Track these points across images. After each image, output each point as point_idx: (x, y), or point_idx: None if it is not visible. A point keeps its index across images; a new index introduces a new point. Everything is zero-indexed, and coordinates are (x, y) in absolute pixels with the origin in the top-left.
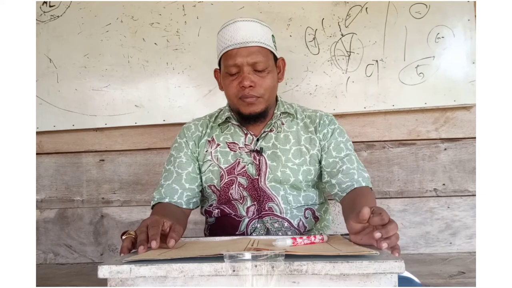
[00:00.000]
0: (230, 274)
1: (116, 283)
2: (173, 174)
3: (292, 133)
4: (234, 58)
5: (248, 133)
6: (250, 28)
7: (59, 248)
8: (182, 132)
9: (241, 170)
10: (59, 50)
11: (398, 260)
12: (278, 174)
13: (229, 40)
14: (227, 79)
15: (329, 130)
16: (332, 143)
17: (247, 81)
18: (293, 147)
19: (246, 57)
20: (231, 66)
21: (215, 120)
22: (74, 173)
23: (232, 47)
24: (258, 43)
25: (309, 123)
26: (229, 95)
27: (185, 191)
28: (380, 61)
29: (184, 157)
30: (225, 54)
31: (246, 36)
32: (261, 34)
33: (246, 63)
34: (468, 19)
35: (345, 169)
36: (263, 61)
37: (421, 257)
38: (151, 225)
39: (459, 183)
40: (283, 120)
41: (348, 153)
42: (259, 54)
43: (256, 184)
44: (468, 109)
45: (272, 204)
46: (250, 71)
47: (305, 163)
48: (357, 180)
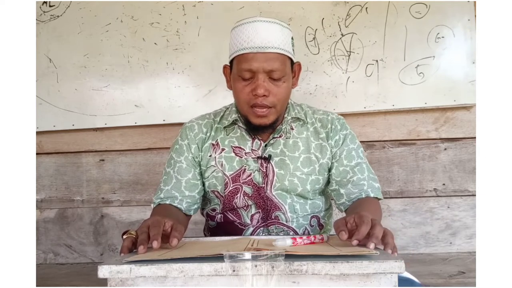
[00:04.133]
0: (230, 274)
1: (116, 283)
2: (173, 180)
3: (302, 140)
4: (250, 62)
5: (255, 138)
6: (270, 31)
7: (59, 248)
8: (184, 133)
9: (247, 179)
10: (59, 50)
11: (398, 260)
12: (286, 183)
13: (246, 42)
14: (239, 83)
15: (341, 136)
16: (344, 151)
17: (261, 89)
18: (302, 155)
19: (263, 63)
20: (246, 70)
21: (220, 120)
22: (74, 173)
23: (249, 50)
24: (277, 49)
25: (320, 127)
26: (240, 101)
27: (184, 198)
28: (380, 61)
29: (185, 162)
30: (240, 57)
31: (265, 41)
32: (281, 39)
33: (262, 70)
34: (468, 19)
35: (355, 180)
36: (280, 69)
37: (421, 257)
38: (152, 225)
39: (459, 183)
40: (293, 125)
41: (359, 161)
42: (277, 61)
43: (262, 193)
44: (468, 109)
45: (279, 213)
46: (265, 78)
47: (314, 172)
48: (366, 191)
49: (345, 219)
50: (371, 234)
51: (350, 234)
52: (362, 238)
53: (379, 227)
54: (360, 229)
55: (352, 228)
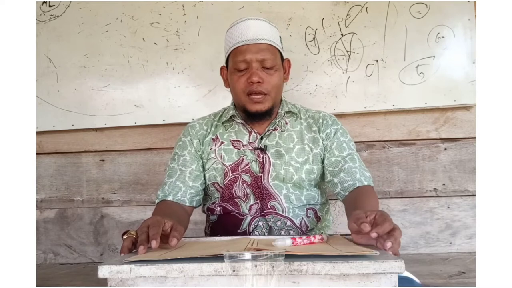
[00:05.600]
0: (230, 274)
1: (116, 283)
2: (177, 172)
3: (296, 132)
4: (244, 54)
5: (252, 131)
6: (260, 27)
7: (59, 248)
8: (186, 131)
9: (244, 167)
10: (59, 50)
11: (398, 260)
12: (281, 172)
13: (239, 37)
14: (235, 75)
15: (332, 130)
16: (334, 143)
17: (256, 76)
18: (297, 146)
19: (255, 53)
20: (240, 61)
21: (219, 118)
22: (74, 173)
23: (242, 43)
24: (267, 40)
25: (313, 123)
26: (236, 91)
27: (188, 188)
28: (380, 61)
29: (188, 155)
30: (235, 50)
31: (256, 34)
32: (270, 33)
33: (255, 60)
34: (468, 19)
35: (347, 168)
36: (271, 59)
37: (421, 257)
38: (152, 225)
39: (459, 183)
40: (287, 119)
41: (350, 152)
42: (268, 52)
43: (260, 182)
44: (468, 109)
45: (275, 203)
46: (258, 67)
47: (308, 162)
48: (359, 179)
49: (365, 212)
50: (391, 234)
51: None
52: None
53: (399, 231)
54: (384, 225)
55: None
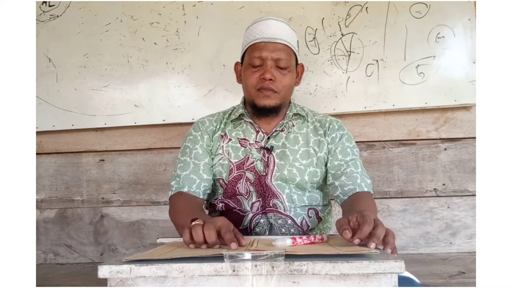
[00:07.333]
0: (230, 274)
1: (116, 283)
2: (190, 165)
3: (302, 135)
4: (261, 51)
5: (260, 131)
6: (280, 27)
7: (59, 248)
8: (196, 126)
9: (249, 166)
10: (59, 50)
11: (398, 260)
12: (285, 172)
13: (258, 34)
14: (248, 70)
15: (338, 134)
16: (339, 147)
17: (269, 74)
18: (302, 148)
19: (271, 52)
20: (256, 58)
21: (228, 116)
22: (74, 173)
23: (260, 40)
24: (285, 41)
25: (319, 126)
26: (248, 85)
27: (202, 181)
28: (381, 61)
29: (200, 149)
30: (252, 46)
31: (275, 33)
32: (288, 35)
33: (271, 58)
34: (468, 18)
35: (349, 172)
36: (286, 59)
37: (421, 257)
38: (226, 228)
39: (459, 183)
40: (294, 122)
41: (353, 158)
42: (284, 52)
43: (263, 181)
44: (468, 109)
45: (277, 201)
46: (272, 65)
47: (312, 164)
48: (359, 185)
49: (347, 218)
50: (373, 234)
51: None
52: (364, 238)
53: (381, 227)
54: (363, 229)
55: (355, 227)
